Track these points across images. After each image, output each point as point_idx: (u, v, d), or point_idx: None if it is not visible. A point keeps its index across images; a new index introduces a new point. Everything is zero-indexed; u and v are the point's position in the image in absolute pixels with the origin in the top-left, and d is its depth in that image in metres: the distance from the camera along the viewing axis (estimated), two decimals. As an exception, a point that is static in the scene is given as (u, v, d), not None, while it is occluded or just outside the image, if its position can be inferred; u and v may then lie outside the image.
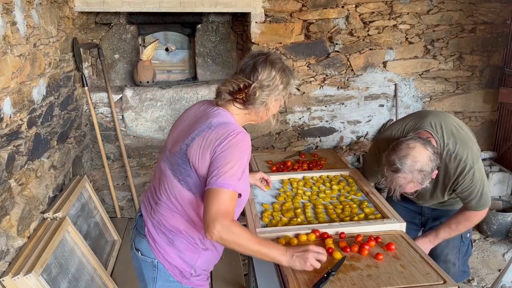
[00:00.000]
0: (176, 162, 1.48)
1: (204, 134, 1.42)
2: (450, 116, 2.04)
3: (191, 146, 1.43)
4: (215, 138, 1.39)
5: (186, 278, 1.55)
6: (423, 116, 2.01)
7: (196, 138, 1.43)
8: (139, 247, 1.58)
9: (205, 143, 1.40)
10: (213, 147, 1.38)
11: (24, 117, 2.18)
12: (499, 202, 3.52)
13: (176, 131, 1.58)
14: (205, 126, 1.44)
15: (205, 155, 1.39)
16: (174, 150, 1.50)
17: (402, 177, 1.74)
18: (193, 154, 1.42)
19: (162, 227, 1.53)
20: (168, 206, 1.51)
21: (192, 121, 1.54)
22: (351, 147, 3.85)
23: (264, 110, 1.52)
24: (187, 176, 1.45)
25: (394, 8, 3.53)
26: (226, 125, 1.42)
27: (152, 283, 1.58)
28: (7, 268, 1.95)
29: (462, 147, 1.89)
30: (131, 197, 3.59)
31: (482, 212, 1.98)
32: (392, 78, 3.74)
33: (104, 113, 3.39)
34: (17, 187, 2.09)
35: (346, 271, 1.51)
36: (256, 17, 3.37)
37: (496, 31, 3.74)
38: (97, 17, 3.50)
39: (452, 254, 2.17)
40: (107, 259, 2.90)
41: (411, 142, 1.76)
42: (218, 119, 1.46)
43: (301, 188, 2.15)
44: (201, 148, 1.40)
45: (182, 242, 1.52)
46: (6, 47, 2.00)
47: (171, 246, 1.53)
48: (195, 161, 1.41)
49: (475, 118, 3.99)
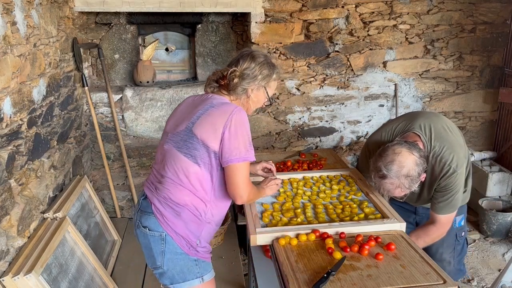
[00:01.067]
0: (181, 139, 1.65)
1: (208, 112, 1.62)
2: (441, 118, 2.04)
3: (198, 123, 1.62)
4: (220, 115, 1.59)
5: (193, 248, 1.68)
6: (414, 118, 2.02)
7: (201, 116, 1.63)
8: (147, 224, 1.69)
9: (212, 120, 1.60)
10: (221, 124, 1.57)
11: (24, 117, 2.18)
12: (499, 202, 3.52)
13: (175, 117, 1.76)
14: (208, 106, 1.65)
15: (214, 131, 1.58)
16: (177, 130, 1.68)
17: (389, 182, 1.75)
18: (201, 130, 1.60)
19: (168, 201, 1.66)
20: (174, 181, 1.65)
21: (191, 107, 1.72)
22: (351, 147, 3.85)
23: (246, 99, 1.73)
24: (194, 149, 1.61)
25: (394, 8, 3.53)
26: (227, 105, 1.64)
27: (160, 257, 1.67)
28: (7, 268, 1.95)
29: (448, 150, 1.89)
30: (131, 197, 3.59)
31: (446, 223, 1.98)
32: (392, 78, 3.74)
33: (104, 113, 3.40)
34: (17, 187, 2.09)
35: (346, 271, 1.51)
36: (256, 17, 3.37)
37: (496, 31, 3.74)
38: (97, 17, 3.50)
39: (447, 253, 2.18)
40: (107, 259, 2.90)
41: (396, 148, 1.77)
42: (217, 100, 1.68)
43: (301, 188, 2.15)
44: (209, 124, 1.59)
45: (188, 214, 1.65)
46: (6, 47, 2.00)
47: (178, 218, 1.65)
48: (204, 136, 1.59)
49: (475, 118, 3.99)
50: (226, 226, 3.18)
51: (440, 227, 1.98)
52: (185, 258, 1.68)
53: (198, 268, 1.71)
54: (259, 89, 1.73)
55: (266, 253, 2.04)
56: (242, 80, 1.69)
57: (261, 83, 1.72)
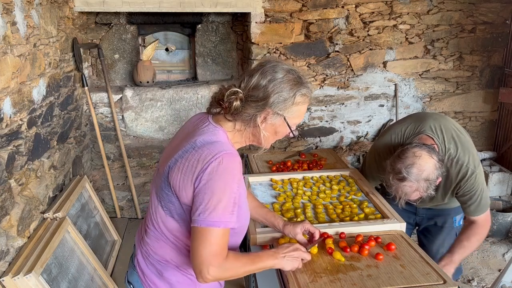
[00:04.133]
0: (160, 186, 1.30)
1: (187, 156, 1.22)
2: (448, 119, 2.03)
3: (173, 169, 1.24)
4: (196, 162, 1.19)
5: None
6: (422, 119, 1.99)
7: (178, 160, 1.23)
8: (131, 280, 1.42)
9: (187, 167, 1.20)
10: (195, 174, 1.18)
11: (24, 117, 2.18)
12: (499, 202, 3.52)
13: (170, 146, 1.38)
14: (189, 146, 1.24)
15: (187, 182, 1.20)
16: (160, 171, 1.32)
17: (408, 185, 1.73)
18: (174, 179, 1.23)
19: (150, 257, 1.36)
20: (155, 234, 1.34)
21: (183, 136, 1.34)
22: (351, 147, 3.85)
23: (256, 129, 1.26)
24: (169, 202, 1.27)
25: (394, 8, 3.53)
26: (211, 146, 1.21)
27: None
28: (7, 268, 1.95)
29: (463, 151, 1.88)
30: (131, 197, 3.59)
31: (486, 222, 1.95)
32: (392, 78, 3.74)
33: (104, 113, 3.40)
34: (17, 187, 2.09)
35: (346, 271, 1.51)
36: (256, 17, 3.37)
37: (496, 31, 3.74)
38: (97, 17, 3.50)
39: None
40: (107, 259, 2.90)
41: (416, 150, 1.74)
42: (204, 137, 1.24)
43: (301, 188, 2.15)
44: (183, 173, 1.21)
45: (174, 274, 1.34)
46: (6, 47, 2.00)
47: (161, 279, 1.35)
48: (176, 187, 1.23)
49: (475, 118, 3.99)
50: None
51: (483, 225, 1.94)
52: None
53: None
54: (275, 118, 1.25)
55: (266, 253, 2.04)
56: (247, 104, 1.24)
57: (275, 110, 1.23)
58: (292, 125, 1.28)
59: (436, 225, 2.17)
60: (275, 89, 1.22)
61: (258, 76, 1.24)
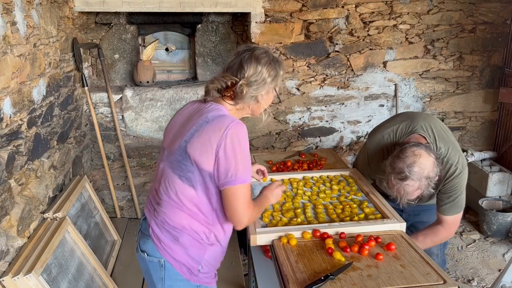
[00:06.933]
0: (176, 160, 1.50)
1: (203, 129, 1.45)
2: (436, 119, 2.07)
3: (191, 142, 1.46)
4: (213, 132, 1.42)
5: (194, 275, 1.56)
6: (412, 119, 2.02)
7: (195, 134, 1.46)
8: (145, 248, 1.59)
9: (204, 138, 1.43)
10: (215, 142, 1.41)
11: (24, 117, 2.18)
12: (499, 202, 3.52)
13: (172, 131, 1.59)
14: (202, 121, 1.47)
15: (207, 150, 1.42)
16: (172, 148, 1.52)
17: (410, 184, 1.74)
18: (194, 150, 1.44)
19: (166, 225, 1.54)
20: (170, 204, 1.52)
21: (187, 119, 1.56)
22: (351, 147, 3.85)
23: (256, 104, 1.56)
24: (188, 172, 1.47)
25: (394, 8, 3.53)
26: (222, 118, 1.46)
27: (160, 283, 1.57)
28: (7, 268, 1.95)
29: (453, 151, 1.91)
30: (131, 197, 3.59)
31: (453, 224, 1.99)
32: (392, 78, 3.74)
33: (104, 113, 3.40)
34: (17, 187, 2.09)
35: (346, 271, 1.51)
36: (256, 17, 3.37)
37: (496, 31, 3.74)
38: (97, 17, 3.50)
39: (436, 246, 2.19)
40: (107, 259, 2.90)
41: (415, 149, 1.76)
42: (213, 113, 1.49)
43: (301, 188, 2.15)
44: (201, 143, 1.43)
45: (187, 239, 1.53)
46: (6, 47, 2.00)
47: (177, 244, 1.53)
48: (196, 157, 1.44)
49: (475, 118, 3.99)
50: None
51: (448, 228, 1.99)
52: (186, 285, 1.57)
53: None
54: (269, 92, 1.56)
55: (266, 253, 2.04)
56: (249, 88, 1.51)
57: (270, 86, 1.55)
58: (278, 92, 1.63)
59: (423, 222, 2.19)
60: (269, 70, 1.52)
61: (252, 64, 1.50)
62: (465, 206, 2.05)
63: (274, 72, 1.54)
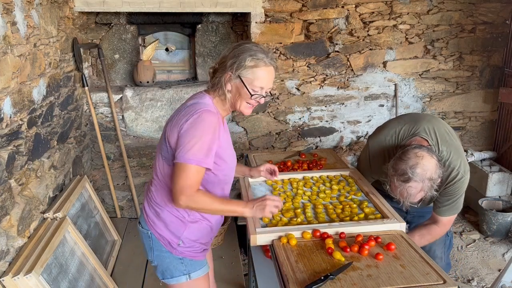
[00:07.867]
0: (160, 142, 1.67)
1: (179, 114, 1.59)
2: (441, 121, 2.06)
3: (169, 124, 1.60)
4: (183, 116, 1.55)
5: (174, 248, 1.68)
6: (416, 121, 2.01)
7: (174, 118, 1.61)
8: (140, 220, 1.78)
9: (176, 121, 1.56)
10: (181, 123, 1.53)
11: (24, 117, 2.18)
12: (499, 202, 3.52)
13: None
14: (182, 107, 1.63)
15: (174, 130, 1.55)
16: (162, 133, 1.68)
17: (413, 186, 1.74)
18: (168, 130, 1.59)
19: (152, 202, 1.70)
20: (156, 182, 1.68)
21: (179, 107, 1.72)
22: (351, 147, 3.85)
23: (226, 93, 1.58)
24: (167, 152, 1.60)
25: (394, 8, 3.53)
26: (196, 105, 1.57)
27: (150, 252, 1.74)
28: (7, 268, 1.95)
29: (455, 155, 1.91)
30: (131, 197, 3.59)
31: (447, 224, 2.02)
32: (392, 78, 3.74)
33: (104, 113, 3.40)
34: (17, 187, 2.09)
35: (346, 271, 1.51)
36: (256, 17, 3.37)
37: (496, 31, 3.74)
38: (97, 17, 3.50)
39: (439, 249, 2.20)
40: (107, 259, 2.90)
41: (418, 151, 1.76)
42: (193, 100, 1.62)
43: (301, 188, 2.15)
44: (173, 125, 1.57)
45: (168, 215, 1.66)
46: (6, 47, 2.00)
47: (158, 219, 1.68)
48: (168, 136, 1.57)
49: (475, 118, 3.99)
50: (226, 226, 3.19)
51: (443, 227, 2.02)
52: (170, 256, 1.70)
53: (184, 266, 1.71)
54: (235, 79, 1.55)
55: (266, 253, 2.04)
56: (217, 72, 1.61)
57: (231, 71, 1.54)
58: (253, 87, 1.55)
59: None
60: (231, 55, 1.56)
61: (225, 51, 1.60)
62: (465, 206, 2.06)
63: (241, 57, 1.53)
